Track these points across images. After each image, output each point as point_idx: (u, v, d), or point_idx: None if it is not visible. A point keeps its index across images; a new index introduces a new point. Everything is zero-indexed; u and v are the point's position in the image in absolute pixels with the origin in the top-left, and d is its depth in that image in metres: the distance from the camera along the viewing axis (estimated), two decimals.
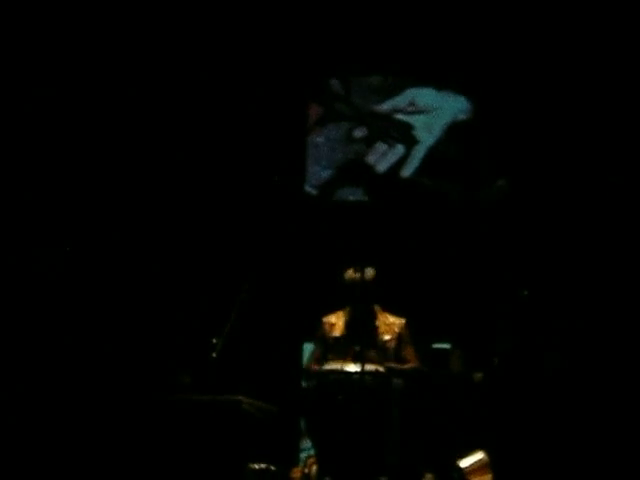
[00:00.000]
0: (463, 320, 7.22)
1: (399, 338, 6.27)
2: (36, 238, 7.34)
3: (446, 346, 6.88)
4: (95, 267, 7.49)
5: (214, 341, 6.08)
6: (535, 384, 6.42)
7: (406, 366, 6.19)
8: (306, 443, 6.95)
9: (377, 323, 6.26)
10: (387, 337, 6.26)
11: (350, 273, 6.26)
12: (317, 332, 6.42)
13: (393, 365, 6.09)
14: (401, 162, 8.01)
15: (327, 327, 6.38)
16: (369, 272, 6.19)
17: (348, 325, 6.30)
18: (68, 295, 7.25)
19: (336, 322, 6.36)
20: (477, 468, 5.73)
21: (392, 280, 7.07)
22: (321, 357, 6.28)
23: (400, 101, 8.08)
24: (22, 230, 7.32)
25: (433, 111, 8.01)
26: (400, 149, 8.01)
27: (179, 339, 7.34)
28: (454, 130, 7.93)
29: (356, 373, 5.82)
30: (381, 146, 8.05)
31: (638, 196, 7.14)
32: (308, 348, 7.06)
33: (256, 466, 5.93)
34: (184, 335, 7.35)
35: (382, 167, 8.04)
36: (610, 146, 7.31)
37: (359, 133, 8.13)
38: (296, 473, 6.31)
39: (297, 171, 8.16)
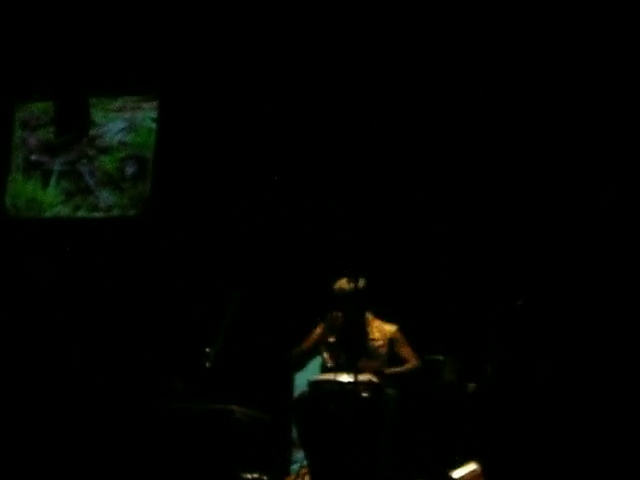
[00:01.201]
0: (456, 330, 7.22)
1: (391, 343, 6.28)
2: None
3: (439, 358, 6.87)
4: (90, 275, 7.52)
5: (207, 350, 6.08)
6: (528, 393, 6.42)
7: (403, 368, 6.20)
8: (298, 454, 6.93)
9: (369, 330, 6.27)
10: (379, 343, 6.28)
11: (342, 283, 6.27)
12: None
13: (392, 370, 6.09)
14: None
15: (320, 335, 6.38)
16: (360, 282, 6.21)
17: (340, 333, 6.30)
18: (63, 303, 7.27)
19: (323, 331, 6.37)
20: (470, 479, 5.72)
21: (384, 290, 7.08)
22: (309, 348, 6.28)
23: None
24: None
25: None
26: None
27: (173, 347, 7.34)
28: (448, 139, 7.88)
29: (349, 383, 5.82)
30: None
31: (632, 208, 7.16)
32: None
33: (248, 475, 5.92)
34: (178, 343, 7.35)
35: None
36: (603, 160, 7.32)
37: None
38: None
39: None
